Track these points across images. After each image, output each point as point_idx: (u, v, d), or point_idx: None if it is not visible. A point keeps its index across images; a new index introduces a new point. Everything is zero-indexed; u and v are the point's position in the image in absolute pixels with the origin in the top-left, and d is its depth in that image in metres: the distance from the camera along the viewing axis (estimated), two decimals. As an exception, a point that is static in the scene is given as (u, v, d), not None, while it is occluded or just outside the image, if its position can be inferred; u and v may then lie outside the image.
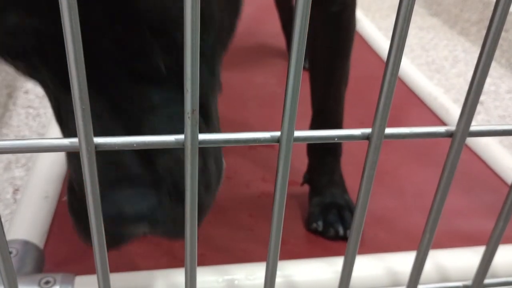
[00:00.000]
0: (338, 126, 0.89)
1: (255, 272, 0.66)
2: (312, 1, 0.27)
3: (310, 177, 0.91)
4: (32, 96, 1.39)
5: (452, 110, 1.20)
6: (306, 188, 0.91)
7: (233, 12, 0.54)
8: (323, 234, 0.84)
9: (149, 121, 0.44)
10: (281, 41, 1.53)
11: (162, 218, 0.43)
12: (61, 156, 0.96)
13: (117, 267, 0.58)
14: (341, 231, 0.83)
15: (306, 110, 0.87)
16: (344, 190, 0.89)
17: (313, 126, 0.89)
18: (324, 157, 0.89)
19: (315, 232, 0.85)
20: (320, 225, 0.84)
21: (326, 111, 0.87)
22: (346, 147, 0.93)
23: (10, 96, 1.36)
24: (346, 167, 0.91)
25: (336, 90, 0.85)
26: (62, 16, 0.24)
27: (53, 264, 0.75)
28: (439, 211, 0.39)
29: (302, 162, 0.91)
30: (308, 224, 0.86)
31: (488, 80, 1.51)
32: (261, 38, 1.63)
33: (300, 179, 0.92)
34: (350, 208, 0.86)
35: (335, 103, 0.86)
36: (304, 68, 0.32)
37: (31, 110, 1.33)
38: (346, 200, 0.87)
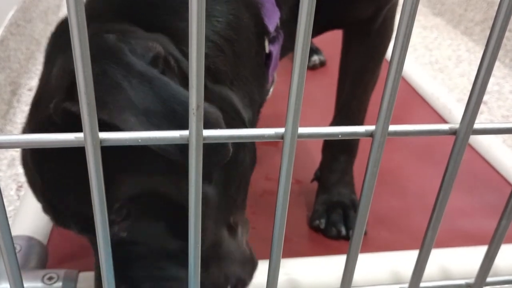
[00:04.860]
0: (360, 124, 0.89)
1: (258, 269, 0.66)
2: (358, 20, 0.27)
3: (321, 174, 0.90)
4: (36, 93, 1.40)
5: (455, 109, 1.20)
6: (311, 186, 0.91)
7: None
8: (325, 232, 0.84)
9: None
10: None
11: None
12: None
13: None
14: (343, 231, 0.83)
15: (320, 111, 0.87)
16: (352, 191, 0.89)
17: (334, 123, 0.89)
18: (338, 155, 0.88)
19: (317, 229, 0.84)
20: (322, 222, 0.84)
21: (352, 110, 0.87)
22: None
23: (14, 93, 1.36)
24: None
25: (365, 91, 0.86)
26: (70, 20, 0.24)
27: (56, 260, 0.75)
28: (442, 209, 0.39)
29: (313, 162, 0.91)
30: (311, 221, 0.85)
31: (492, 80, 1.51)
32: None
33: (307, 178, 0.92)
34: (355, 209, 0.85)
35: (361, 103, 0.86)
36: (308, 67, 0.32)
37: (35, 107, 1.33)
38: (352, 200, 0.87)
